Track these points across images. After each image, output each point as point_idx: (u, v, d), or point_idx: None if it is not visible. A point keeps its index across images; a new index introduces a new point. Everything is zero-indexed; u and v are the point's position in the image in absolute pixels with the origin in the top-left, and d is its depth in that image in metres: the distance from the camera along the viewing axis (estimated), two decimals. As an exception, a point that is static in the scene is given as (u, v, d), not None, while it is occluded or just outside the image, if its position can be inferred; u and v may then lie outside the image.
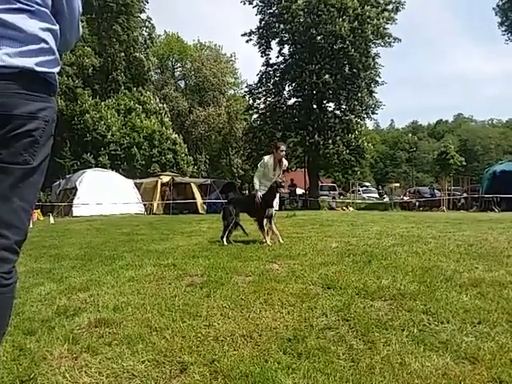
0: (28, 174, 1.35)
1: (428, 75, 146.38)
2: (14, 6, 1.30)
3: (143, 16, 33.84)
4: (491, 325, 2.23)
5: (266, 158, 6.26)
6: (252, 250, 5.03)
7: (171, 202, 19.85)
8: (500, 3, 28.45)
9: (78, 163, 26.51)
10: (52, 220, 13.14)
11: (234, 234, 6.10)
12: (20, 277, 2.08)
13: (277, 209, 6.30)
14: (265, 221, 5.89)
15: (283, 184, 6.07)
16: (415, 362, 1.85)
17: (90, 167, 22.64)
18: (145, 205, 19.58)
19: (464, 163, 41.46)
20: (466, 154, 55.41)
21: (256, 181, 6.10)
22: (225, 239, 5.86)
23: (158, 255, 4.88)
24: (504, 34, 29.01)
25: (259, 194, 5.98)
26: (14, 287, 1.40)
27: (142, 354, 2.00)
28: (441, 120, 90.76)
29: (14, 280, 1.39)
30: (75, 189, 17.38)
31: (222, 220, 6.18)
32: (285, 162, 6.38)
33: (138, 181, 21.48)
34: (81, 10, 1.58)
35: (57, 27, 1.45)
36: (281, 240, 5.78)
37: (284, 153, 6.26)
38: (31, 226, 6.38)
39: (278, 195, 6.10)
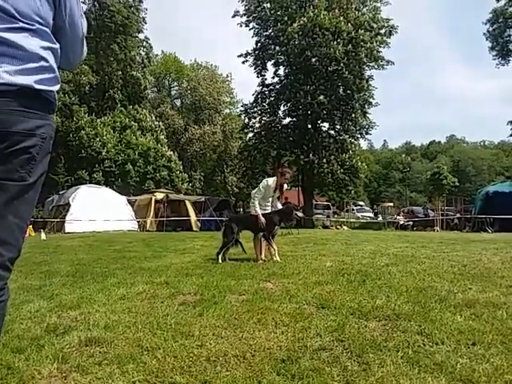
0: (23, 191, 1.35)
1: (421, 97, 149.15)
2: (15, 26, 1.31)
3: (141, 36, 34.41)
4: (486, 346, 2.22)
5: (270, 181, 6.23)
6: (246, 269, 5.00)
7: (165, 219, 19.75)
8: (490, 29, 29.27)
9: (72, 179, 26.44)
10: (43, 236, 13.00)
11: (229, 251, 6.07)
12: (10, 293, 2.05)
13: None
14: (261, 236, 5.96)
15: (299, 209, 6.23)
16: (410, 383, 1.83)
17: (84, 183, 22.54)
18: (138, 222, 19.46)
19: (457, 184, 41.88)
20: (459, 175, 55.99)
21: (256, 203, 6.06)
22: (220, 256, 5.82)
23: (151, 273, 4.83)
24: (495, 59, 29.75)
25: (260, 214, 5.98)
26: (5, 305, 1.37)
27: (133, 374, 1.96)
28: (433, 141, 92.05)
29: (6, 297, 1.37)
30: (68, 205, 17.27)
31: (222, 237, 6.15)
32: (285, 186, 6.43)
33: (131, 197, 21.41)
34: (85, 30, 1.59)
35: (57, 46, 1.47)
36: (278, 258, 5.77)
37: (288, 180, 6.38)
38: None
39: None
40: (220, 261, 5.73)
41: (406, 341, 2.33)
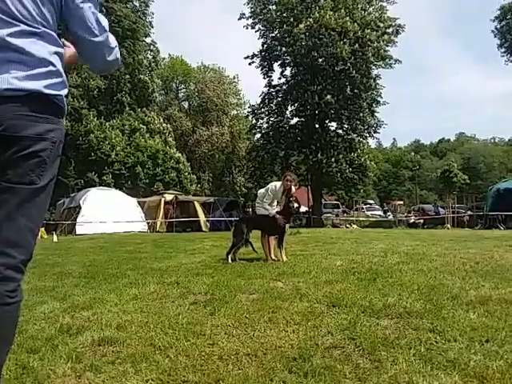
0: (34, 194, 1.37)
1: (429, 94, 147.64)
2: (22, 30, 1.32)
3: (148, 40, 34.66)
4: (499, 343, 2.20)
5: (278, 185, 6.27)
6: (256, 268, 5.01)
7: (174, 220, 19.85)
8: (498, 26, 28.96)
9: (82, 182, 26.70)
10: (55, 238, 13.14)
11: (238, 251, 6.08)
12: (24, 295, 2.08)
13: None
14: (272, 237, 6.04)
15: (295, 210, 6.17)
16: (423, 381, 1.82)
17: (94, 186, 22.77)
18: (148, 223, 19.58)
19: (468, 181, 41.38)
20: (470, 172, 55.29)
21: (267, 206, 6.14)
22: (230, 256, 5.84)
23: (162, 273, 4.86)
24: (503, 56, 29.42)
25: (274, 212, 6.09)
26: (18, 306, 1.40)
27: (146, 372, 1.98)
28: (443, 139, 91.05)
29: (19, 299, 1.39)
30: (79, 207, 17.44)
31: (232, 237, 6.16)
32: (293, 190, 6.39)
33: (141, 199, 21.55)
34: (106, 34, 1.54)
35: (63, 50, 1.48)
36: (284, 258, 5.77)
37: (293, 183, 6.32)
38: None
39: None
40: (230, 261, 5.74)
41: (418, 338, 2.32)
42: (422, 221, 21.70)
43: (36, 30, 1.36)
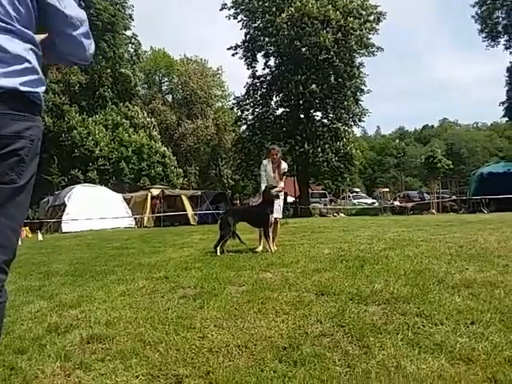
0: (15, 194, 1.35)
1: (412, 81, 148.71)
2: None
3: (128, 33, 33.98)
4: (485, 325, 2.25)
5: (265, 161, 6.32)
6: (245, 260, 5.02)
7: (162, 214, 19.74)
8: (479, 11, 29.17)
9: (66, 179, 26.26)
10: (40, 237, 12.95)
11: (226, 244, 6.08)
12: (9, 295, 2.05)
13: (280, 216, 6.37)
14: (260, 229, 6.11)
15: (275, 193, 6.00)
16: (411, 364, 1.85)
17: (79, 183, 22.41)
18: (135, 218, 19.43)
19: (451, 166, 41.98)
20: (453, 158, 56.04)
21: (262, 186, 6.22)
22: (218, 249, 5.83)
23: (150, 268, 4.83)
24: (484, 41, 29.70)
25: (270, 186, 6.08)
26: (3, 306, 1.38)
27: (136, 368, 1.98)
28: (427, 125, 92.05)
29: (4, 299, 1.37)
30: (64, 205, 17.19)
31: (219, 230, 6.14)
32: (283, 165, 6.32)
33: (127, 195, 21.34)
34: (84, 25, 1.55)
35: (39, 48, 1.44)
36: (273, 248, 5.78)
37: (278, 155, 6.26)
38: (20, 243, 6.27)
39: (279, 202, 6.23)
40: (218, 253, 5.74)
41: (405, 323, 2.36)
42: (409, 205, 21.98)
43: (11, 28, 1.33)
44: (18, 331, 2.63)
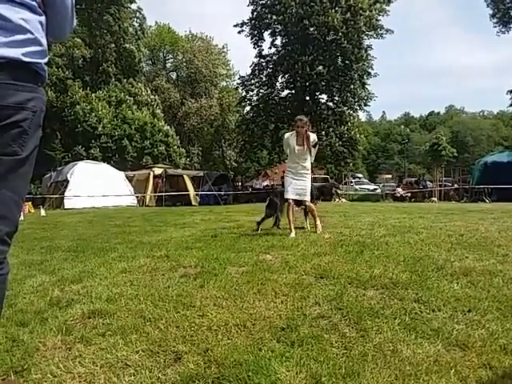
0: (17, 165, 1.34)
1: (419, 67, 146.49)
2: None
3: (134, 6, 33.38)
4: (482, 312, 2.27)
5: (288, 134, 5.66)
6: (246, 242, 5.04)
7: (164, 194, 19.78)
8: (491, -5, 28.45)
9: (69, 155, 26.25)
10: (43, 212, 13.02)
11: (228, 225, 6.11)
12: (12, 269, 2.07)
13: (307, 198, 5.82)
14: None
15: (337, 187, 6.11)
16: (407, 349, 1.88)
17: (81, 159, 22.40)
18: (137, 197, 19.49)
19: (455, 154, 41.81)
20: (458, 146, 55.77)
21: (287, 182, 5.73)
22: (260, 226, 5.99)
23: (151, 247, 4.87)
24: (495, 26, 29.06)
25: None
26: (5, 278, 1.39)
27: (136, 344, 2.01)
28: (432, 112, 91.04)
29: (6, 271, 1.38)
30: (66, 181, 17.23)
31: (265, 209, 6.30)
32: (313, 136, 5.67)
33: (129, 173, 21.35)
34: (74, 1, 1.55)
35: (43, 17, 1.42)
36: (308, 227, 6.03)
37: (305, 127, 5.54)
38: (22, 218, 6.30)
39: (303, 184, 5.69)
40: (259, 231, 5.89)
41: (403, 308, 2.38)
42: (409, 194, 21.93)
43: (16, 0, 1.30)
44: (20, 304, 2.67)
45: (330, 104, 26.31)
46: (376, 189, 29.71)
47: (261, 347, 1.94)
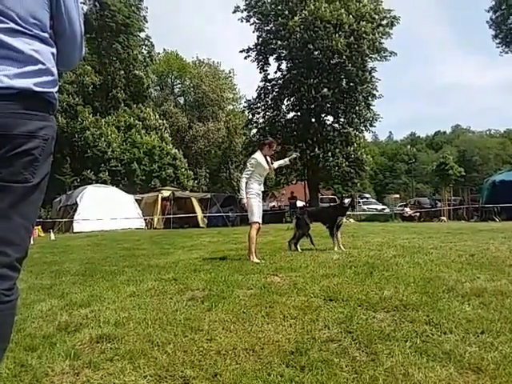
0: (28, 192, 1.37)
1: (425, 87, 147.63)
2: (14, 29, 1.32)
3: (142, 35, 34.43)
4: (494, 334, 2.22)
5: (258, 156, 5.70)
6: (253, 263, 5.02)
7: (172, 216, 19.84)
8: (493, 17, 28.88)
9: (79, 180, 26.62)
10: (53, 236, 13.12)
11: (236, 247, 6.10)
12: (21, 293, 2.08)
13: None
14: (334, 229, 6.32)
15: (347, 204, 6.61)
16: (418, 373, 1.84)
17: (91, 183, 22.70)
18: (145, 219, 19.56)
19: (463, 173, 41.54)
20: (465, 165, 55.48)
21: (243, 184, 5.66)
22: (298, 247, 6.26)
23: (159, 270, 4.86)
24: (498, 47, 29.38)
25: (244, 200, 5.59)
26: (15, 304, 1.40)
27: (144, 369, 1.99)
28: (439, 131, 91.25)
29: (15, 297, 1.39)
30: (76, 205, 17.40)
31: (294, 228, 6.54)
32: (269, 159, 5.92)
33: (138, 196, 21.52)
34: (83, 30, 1.60)
35: (54, 49, 1.48)
36: (342, 248, 6.09)
37: (273, 145, 5.98)
38: (32, 242, 6.34)
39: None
40: (292, 249, 6.18)
41: (414, 331, 2.34)
42: (418, 214, 21.74)
43: (28, 31, 1.36)
44: (28, 329, 2.67)
45: (336, 125, 26.46)
46: (384, 209, 29.51)
47: (270, 372, 1.91)
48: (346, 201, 6.61)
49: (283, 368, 1.95)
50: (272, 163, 5.99)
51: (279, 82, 27.12)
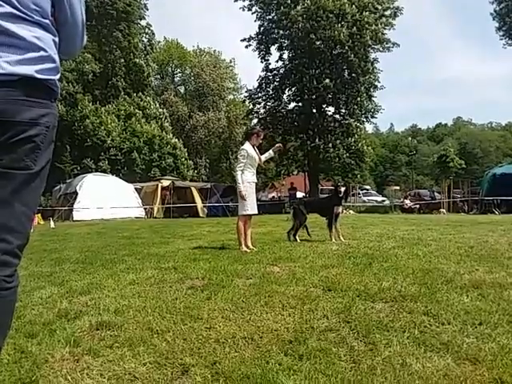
0: (29, 179, 1.37)
1: (427, 79, 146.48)
2: (15, 15, 1.31)
3: (143, 23, 34.09)
4: (492, 326, 2.23)
5: (247, 147, 5.68)
6: (253, 253, 5.04)
7: (171, 205, 19.86)
8: (497, 8, 28.60)
9: (79, 168, 26.57)
10: (52, 224, 13.15)
11: (235, 237, 6.10)
12: (21, 280, 2.08)
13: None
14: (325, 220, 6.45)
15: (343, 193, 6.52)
16: (416, 363, 1.85)
17: (91, 172, 22.67)
18: (145, 209, 19.59)
19: (464, 166, 41.45)
20: (466, 157, 55.29)
21: (239, 177, 5.60)
22: (297, 237, 6.32)
23: (159, 258, 4.88)
24: (502, 39, 29.16)
25: (243, 192, 5.54)
26: (15, 291, 1.40)
27: (144, 356, 2.01)
28: (440, 123, 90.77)
29: (16, 284, 1.40)
30: (76, 193, 17.41)
31: (292, 218, 6.61)
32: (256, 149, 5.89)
33: (138, 185, 21.51)
34: (84, 19, 1.58)
35: (56, 36, 1.47)
36: (342, 239, 6.11)
37: (260, 134, 6.01)
38: (32, 230, 6.37)
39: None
40: (298, 240, 6.20)
41: (412, 321, 2.35)
42: (417, 206, 21.76)
43: (30, 18, 1.35)
44: (28, 316, 2.69)
45: (337, 116, 26.35)
46: (384, 200, 29.53)
47: (268, 360, 1.93)
48: (342, 189, 6.46)
49: (282, 357, 1.96)
50: (259, 157, 5.90)
51: (280, 71, 26.92)
